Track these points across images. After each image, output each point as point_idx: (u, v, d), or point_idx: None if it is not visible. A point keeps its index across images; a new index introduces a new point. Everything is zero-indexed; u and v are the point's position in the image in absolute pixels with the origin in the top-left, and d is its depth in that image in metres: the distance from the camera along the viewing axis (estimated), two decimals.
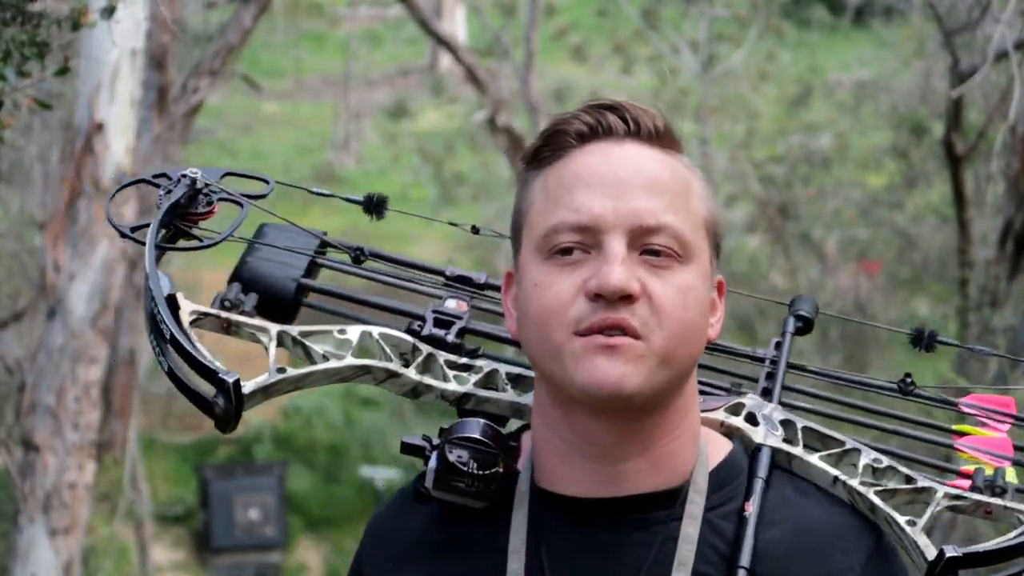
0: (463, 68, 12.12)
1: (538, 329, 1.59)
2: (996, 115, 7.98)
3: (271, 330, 1.71)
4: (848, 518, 1.66)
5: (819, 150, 13.86)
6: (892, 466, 1.69)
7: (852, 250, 13.31)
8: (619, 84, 15.85)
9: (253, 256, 1.80)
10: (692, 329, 1.59)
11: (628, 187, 1.58)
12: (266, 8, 8.32)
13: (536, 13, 13.45)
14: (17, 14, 3.55)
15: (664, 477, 1.62)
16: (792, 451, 1.69)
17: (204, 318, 1.71)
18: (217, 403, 1.61)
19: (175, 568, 12.40)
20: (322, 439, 13.62)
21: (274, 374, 1.66)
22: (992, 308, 7.56)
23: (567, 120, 1.63)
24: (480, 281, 1.84)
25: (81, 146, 6.85)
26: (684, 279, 1.58)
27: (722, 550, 1.61)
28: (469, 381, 1.73)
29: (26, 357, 7.14)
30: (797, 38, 17.91)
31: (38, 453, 6.78)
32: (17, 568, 6.84)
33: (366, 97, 20.10)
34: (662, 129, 1.62)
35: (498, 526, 1.64)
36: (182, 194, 1.78)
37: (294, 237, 1.83)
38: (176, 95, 8.08)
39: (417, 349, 1.74)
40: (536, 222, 1.62)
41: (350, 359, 1.70)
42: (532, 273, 1.60)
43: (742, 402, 1.73)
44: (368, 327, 1.73)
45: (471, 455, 1.62)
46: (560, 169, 1.62)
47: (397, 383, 1.73)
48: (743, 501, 1.63)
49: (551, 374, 1.59)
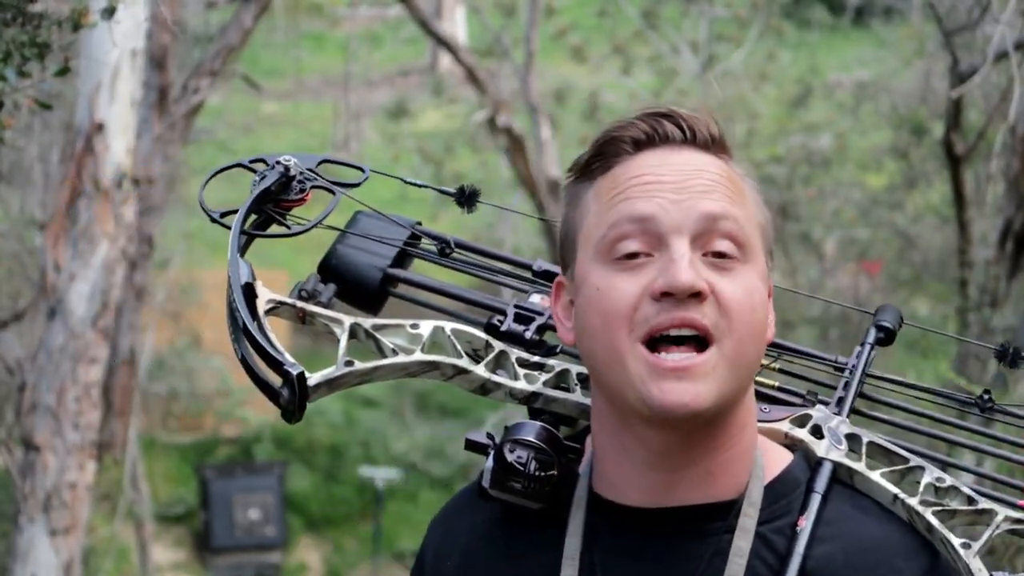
0: (463, 68, 12.12)
1: (602, 335, 1.57)
2: (996, 115, 7.98)
3: (344, 322, 1.70)
4: (905, 537, 1.63)
5: (819, 150, 13.86)
6: (955, 486, 1.66)
7: (852, 250, 13.31)
8: (619, 84, 15.85)
9: (343, 244, 1.80)
10: (759, 330, 1.58)
11: (690, 188, 1.57)
12: (266, 8, 8.32)
13: (536, 13, 13.44)
14: (18, 15, 3.55)
15: (719, 488, 1.61)
16: (854, 466, 1.66)
17: (280, 307, 1.71)
18: (283, 394, 1.62)
19: (175, 568, 12.40)
20: (322, 439, 13.62)
21: (341, 367, 1.66)
22: (992, 308, 7.56)
23: (622, 127, 1.61)
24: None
25: (81, 146, 6.84)
26: (748, 280, 1.57)
27: (773, 565, 1.59)
28: (539, 380, 1.72)
29: (26, 357, 7.14)
30: (797, 38, 17.90)
31: (38, 453, 6.78)
32: (17, 568, 6.84)
33: (366, 97, 20.11)
34: (717, 136, 1.62)
35: (555, 530, 1.63)
36: (273, 181, 1.78)
37: (386, 227, 1.82)
38: (176, 95, 8.08)
39: (489, 346, 1.72)
40: (592, 226, 1.60)
41: (419, 354, 1.69)
42: (593, 279, 1.58)
43: (809, 413, 1.71)
44: (441, 322, 1.72)
45: (528, 456, 1.61)
46: (615, 176, 1.60)
47: (466, 379, 1.71)
48: (798, 516, 1.60)
49: (615, 384, 1.57)
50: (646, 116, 1.62)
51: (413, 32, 18.30)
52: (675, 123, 1.61)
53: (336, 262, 1.79)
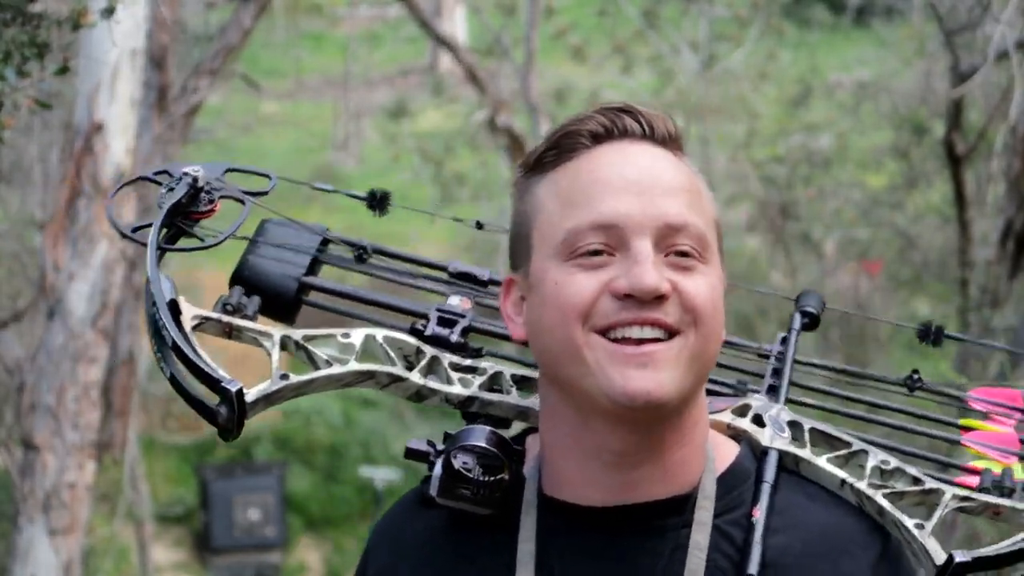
0: (463, 68, 12.12)
1: (559, 329, 1.56)
2: (997, 115, 7.97)
3: (274, 335, 1.67)
4: (856, 521, 1.65)
5: (819, 150, 13.86)
6: (900, 467, 1.68)
7: (852, 250, 13.31)
8: (619, 84, 15.84)
9: (254, 254, 1.77)
10: (718, 326, 1.59)
11: (652, 188, 1.57)
12: (266, 8, 8.31)
13: (536, 13, 13.44)
14: (17, 15, 3.54)
15: (674, 484, 1.61)
16: (800, 453, 1.68)
17: (206, 322, 1.68)
18: (220, 412, 1.59)
19: (175, 568, 12.39)
20: (322, 439, 13.61)
21: (277, 381, 1.63)
22: (992, 308, 7.56)
23: (580, 121, 1.62)
24: (484, 278, 1.81)
25: (81, 146, 6.84)
26: (709, 279, 1.58)
27: (732, 557, 1.60)
28: (474, 384, 1.71)
29: (26, 357, 7.13)
30: (797, 38, 17.89)
31: (38, 453, 6.78)
32: (17, 568, 6.83)
33: (366, 97, 20.10)
34: (674, 133, 1.62)
35: (505, 534, 1.62)
36: (184, 193, 1.75)
37: (296, 234, 1.79)
38: (176, 95, 8.07)
39: (421, 351, 1.70)
40: (552, 226, 1.59)
41: (354, 364, 1.67)
42: (552, 274, 1.58)
43: (748, 403, 1.72)
44: (372, 330, 1.70)
45: (476, 462, 1.60)
46: (572, 171, 1.60)
47: (401, 387, 1.70)
48: (751, 506, 1.62)
49: (572, 378, 1.57)
50: (605, 110, 1.62)
51: (413, 32, 18.29)
52: (634, 118, 1.61)
53: (249, 273, 1.75)
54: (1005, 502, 1.67)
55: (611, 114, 1.61)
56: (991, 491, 1.69)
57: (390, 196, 1.84)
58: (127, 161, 6.89)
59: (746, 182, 13.56)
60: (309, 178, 12.40)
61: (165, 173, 1.78)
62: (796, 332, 1.81)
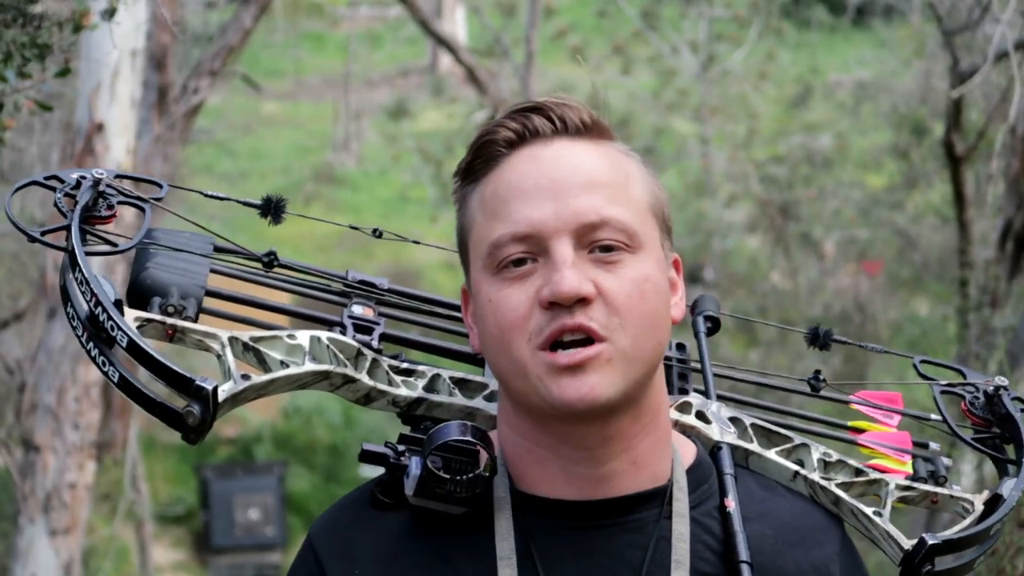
0: (463, 68, 12.11)
1: (500, 346, 1.57)
2: (996, 115, 7.98)
3: (222, 336, 1.62)
4: (814, 512, 1.69)
5: (819, 150, 13.87)
6: (841, 459, 1.73)
7: (852, 250, 13.31)
8: (619, 84, 15.84)
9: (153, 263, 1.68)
10: (655, 319, 1.57)
11: (565, 187, 1.56)
12: (266, 8, 8.32)
13: (536, 13, 13.45)
14: (18, 16, 3.54)
15: (647, 476, 1.61)
16: (750, 447, 1.71)
17: (147, 324, 1.62)
18: (192, 412, 1.54)
19: (175, 568, 12.39)
20: (322, 439, 13.62)
21: (240, 381, 1.59)
22: (992, 308, 7.56)
23: (494, 129, 1.60)
24: (383, 286, 1.79)
25: (81, 146, 6.84)
26: (638, 270, 1.56)
27: (713, 547, 1.61)
28: (418, 386, 1.70)
29: (26, 357, 7.14)
30: (797, 38, 17.90)
31: (38, 453, 6.78)
32: (17, 568, 6.84)
33: (366, 97, 20.10)
34: (589, 122, 1.60)
35: (480, 533, 1.60)
36: (89, 196, 1.68)
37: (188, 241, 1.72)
38: (176, 95, 8.07)
39: (362, 354, 1.68)
40: (480, 239, 1.59)
41: (310, 364, 1.64)
42: (485, 290, 1.58)
43: (688, 400, 1.74)
44: (317, 332, 1.67)
45: (452, 460, 1.58)
46: (495, 180, 1.60)
47: (351, 389, 1.68)
48: (721, 499, 1.63)
49: (521, 391, 1.57)
50: (515, 113, 1.61)
51: (413, 32, 18.30)
52: (544, 115, 1.59)
53: (151, 283, 1.66)
54: (943, 491, 1.74)
55: (521, 117, 1.60)
56: (927, 480, 1.76)
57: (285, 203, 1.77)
58: (128, 161, 6.90)
59: (746, 182, 13.56)
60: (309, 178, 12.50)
61: (55, 178, 1.71)
62: (703, 334, 1.82)
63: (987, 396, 1.83)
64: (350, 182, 18.51)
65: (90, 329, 1.59)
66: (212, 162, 18.06)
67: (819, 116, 15.10)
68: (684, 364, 1.82)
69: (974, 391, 1.84)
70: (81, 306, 1.60)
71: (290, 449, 13.47)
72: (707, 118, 14.52)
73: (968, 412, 1.83)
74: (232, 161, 18.48)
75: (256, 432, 13.49)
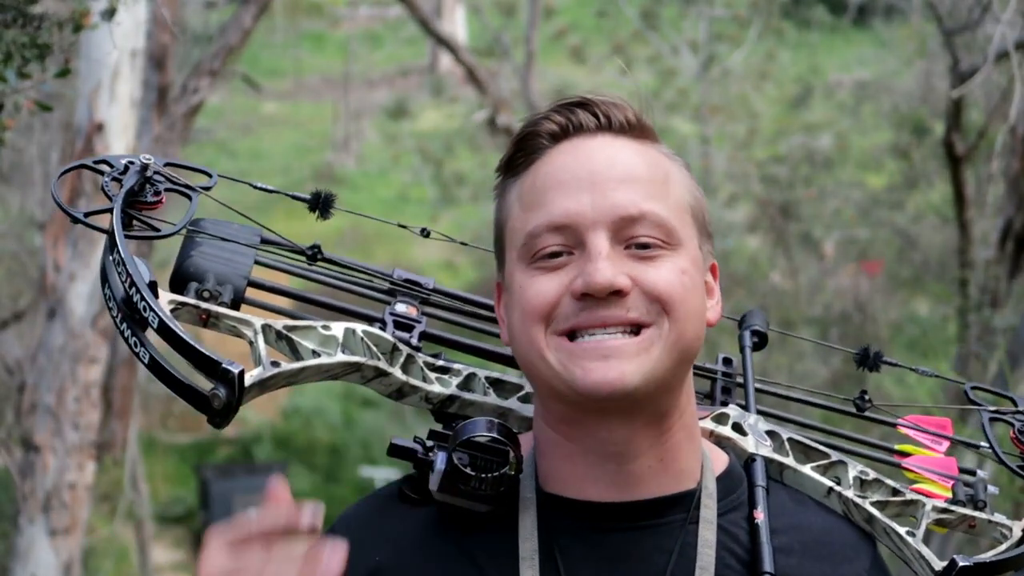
0: (463, 68, 12.12)
1: (523, 332, 1.56)
2: (997, 115, 7.98)
3: (255, 323, 1.61)
4: (847, 528, 1.67)
5: (820, 150, 13.87)
6: (879, 478, 1.71)
7: (852, 250, 13.31)
8: (619, 84, 15.84)
9: (197, 251, 1.69)
10: (694, 311, 1.56)
11: (603, 180, 1.55)
12: (266, 8, 8.32)
13: (536, 13, 13.45)
14: (18, 16, 3.54)
15: (675, 479, 1.60)
16: (784, 461, 1.70)
17: (182, 308, 1.62)
18: (217, 395, 1.52)
19: (175, 568, 12.39)
20: (322, 439, 13.62)
21: (269, 368, 1.58)
22: (992, 308, 7.56)
23: (538, 122, 1.60)
24: (429, 286, 1.78)
25: (81, 146, 6.84)
26: (677, 264, 1.55)
27: (740, 555, 1.59)
28: (452, 384, 1.69)
29: (26, 357, 7.14)
30: (797, 38, 17.90)
31: (38, 453, 6.78)
32: (17, 568, 6.84)
33: (366, 97, 20.10)
34: (634, 120, 1.60)
35: (504, 532, 1.59)
36: (135, 180, 1.68)
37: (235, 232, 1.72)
38: (176, 95, 8.07)
39: (397, 349, 1.68)
40: (515, 229, 1.58)
41: (341, 355, 1.63)
42: (518, 279, 1.57)
43: (726, 412, 1.72)
44: (352, 324, 1.67)
45: (478, 458, 1.57)
46: (533, 173, 1.59)
47: (384, 382, 1.67)
48: (750, 509, 1.62)
49: (542, 379, 1.56)
50: (560, 107, 1.60)
51: (413, 32, 18.30)
52: (589, 111, 1.59)
53: (194, 272, 1.67)
54: (981, 515, 1.71)
55: (566, 111, 1.59)
56: (966, 504, 1.73)
57: (334, 199, 1.77)
58: None
59: (746, 182, 13.57)
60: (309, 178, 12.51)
61: (105, 163, 1.71)
62: (749, 349, 1.82)
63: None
64: (350, 182, 18.51)
65: (124, 310, 1.59)
66: (212, 162, 18.03)
67: (819, 116, 15.11)
68: (729, 378, 1.81)
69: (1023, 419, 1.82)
70: (117, 287, 1.60)
71: (290, 449, 13.48)
72: (707, 118, 14.52)
73: (1016, 440, 1.81)
74: (232, 161, 18.48)
75: (256, 432, 13.49)
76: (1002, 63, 6.75)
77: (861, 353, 1.88)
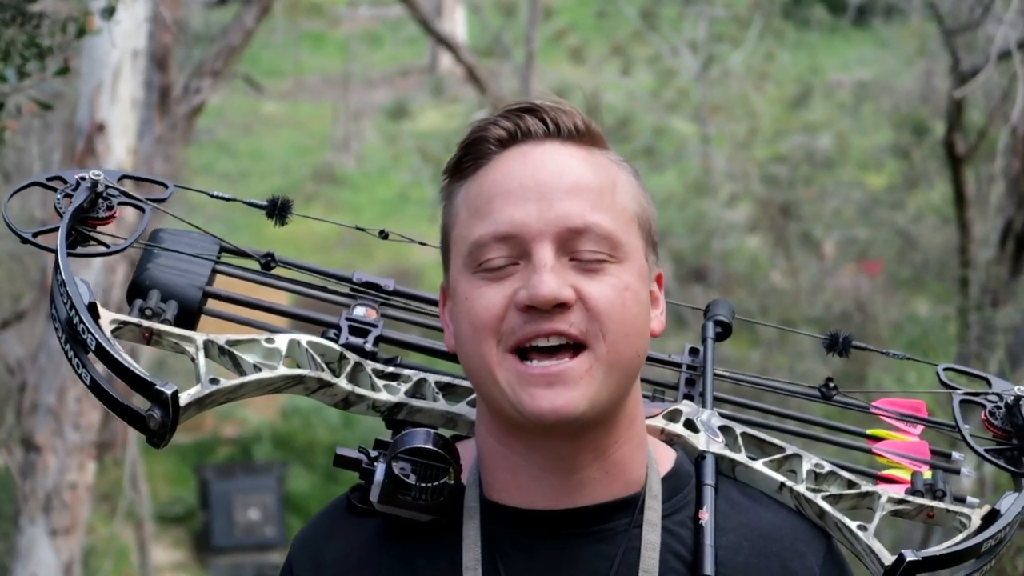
0: (463, 68, 12.11)
1: (473, 345, 1.54)
2: (997, 115, 7.98)
3: (197, 339, 1.62)
4: (799, 523, 1.66)
5: (820, 150, 13.88)
6: (834, 471, 1.69)
7: (852, 250, 13.32)
8: (618, 85, 15.85)
9: (154, 264, 1.70)
10: (635, 328, 1.55)
11: (550, 190, 1.54)
12: (268, 9, 8.32)
13: (536, 13, 13.45)
14: (17, 15, 3.54)
15: (619, 485, 1.59)
16: (736, 457, 1.68)
17: (124, 327, 1.62)
18: (152, 416, 1.53)
19: (175, 568, 12.39)
20: (322, 439, 13.62)
21: (207, 386, 1.58)
22: (993, 308, 7.56)
23: (486, 127, 1.58)
24: (389, 288, 1.78)
25: (82, 147, 6.84)
26: (619, 278, 1.53)
27: (684, 557, 1.59)
28: (399, 391, 1.68)
29: (27, 357, 7.14)
30: (797, 38, 17.90)
31: (39, 453, 6.78)
32: (18, 568, 6.84)
33: (366, 97, 20.09)
34: (582, 127, 1.58)
35: (448, 541, 1.59)
36: (84, 197, 1.68)
37: (194, 243, 1.73)
38: (178, 96, 8.07)
39: (344, 358, 1.67)
40: (461, 236, 1.57)
41: (283, 369, 1.63)
42: (463, 288, 1.56)
43: (679, 408, 1.71)
44: (296, 336, 1.66)
45: (420, 467, 1.56)
46: (481, 179, 1.58)
47: (328, 393, 1.67)
48: (696, 509, 1.61)
49: (489, 393, 1.55)
50: (509, 112, 1.59)
51: (413, 32, 18.29)
52: (538, 117, 1.57)
53: (151, 283, 1.69)
54: (939, 504, 1.70)
55: (514, 116, 1.58)
56: (924, 494, 1.71)
57: (291, 204, 1.77)
58: (129, 162, 6.89)
59: (747, 182, 13.57)
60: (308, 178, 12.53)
61: (59, 179, 1.71)
62: (711, 340, 1.79)
63: (1007, 407, 1.78)
64: (350, 182, 18.50)
65: (68, 331, 1.60)
66: (212, 162, 18.06)
67: (819, 116, 15.11)
68: (693, 370, 1.79)
69: (997, 400, 1.79)
70: (60, 308, 1.61)
71: (290, 449, 13.47)
72: (707, 118, 14.52)
73: (988, 423, 1.78)
74: (232, 161, 18.47)
75: (256, 432, 13.49)
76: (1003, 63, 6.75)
77: (829, 338, 1.87)
